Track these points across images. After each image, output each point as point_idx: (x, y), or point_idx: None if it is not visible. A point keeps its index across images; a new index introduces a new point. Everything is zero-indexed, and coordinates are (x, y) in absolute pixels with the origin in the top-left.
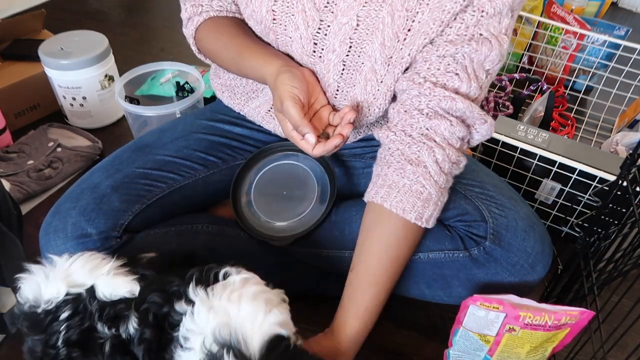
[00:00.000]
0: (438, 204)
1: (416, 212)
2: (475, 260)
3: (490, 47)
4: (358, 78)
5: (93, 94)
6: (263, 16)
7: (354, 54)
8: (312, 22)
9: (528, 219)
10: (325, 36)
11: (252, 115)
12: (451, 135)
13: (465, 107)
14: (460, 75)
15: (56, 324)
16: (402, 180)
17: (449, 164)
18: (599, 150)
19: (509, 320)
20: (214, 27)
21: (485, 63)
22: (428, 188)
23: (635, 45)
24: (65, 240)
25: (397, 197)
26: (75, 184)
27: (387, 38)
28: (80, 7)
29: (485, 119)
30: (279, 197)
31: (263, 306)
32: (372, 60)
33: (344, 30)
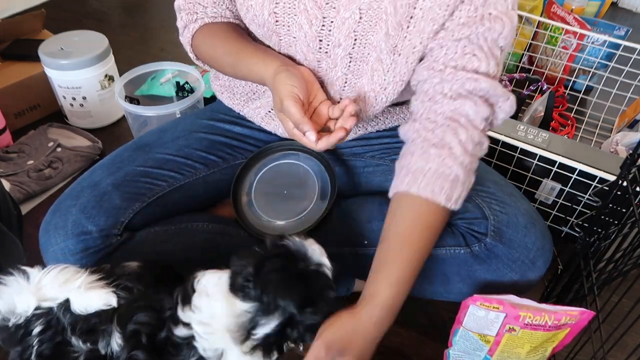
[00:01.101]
0: (465, 184)
1: (445, 194)
2: (476, 256)
3: (502, 24)
4: (365, 68)
5: (93, 94)
6: (265, 19)
7: (360, 46)
8: (316, 20)
9: (528, 214)
10: (329, 32)
11: (252, 116)
12: (476, 116)
13: (489, 86)
14: (478, 55)
15: (29, 338)
16: (428, 164)
17: (473, 144)
18: (599, 150)
19: (509, 320)
20: (209, 33)
21: (499, 40)
22: (455, 169)
23: (635, 45)
24: (66, 237)
25: (424, 181)
26: (75, 182)
27: (391, 27)
28: (80, 7)
29: (508, 96)
30: (280, 196)
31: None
32: (377, 50)
33: (348, 24)
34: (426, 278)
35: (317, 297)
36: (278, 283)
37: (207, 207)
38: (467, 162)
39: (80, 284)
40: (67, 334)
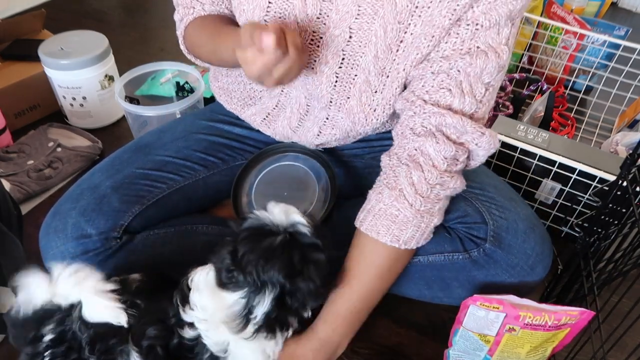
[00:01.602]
0: (420, 226)
1: (391, 234)
2: (475, 262)
3: (485, 59)
4: (352, 90)
5: (93, 94)
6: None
7: (347, 67)
8: (305, 34)
9: (528, 220)
10: (317, 48)
11: (249, 121)
12: (437, 155)
13: (455, 122)
14: (453, 91)
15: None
16: (379, 204)
17: (427, 186)
18: (599, 150)
19: (509, 320)
20: (200, 23)
21: (484, 76)
22: (403, 211)
23: (635, 45)
24: (65, 240)
25: (372, 221)
26: (75, 184)
27: (380, 50)
28: (80, 7)
29: (482, 131)
30: (280, 198)
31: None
32: (365, 72)
33: (337, 43)
34: (425, 283)
35: (301, 259)
36: (256, 261)
37: (206, 209)
38: (418, 204)
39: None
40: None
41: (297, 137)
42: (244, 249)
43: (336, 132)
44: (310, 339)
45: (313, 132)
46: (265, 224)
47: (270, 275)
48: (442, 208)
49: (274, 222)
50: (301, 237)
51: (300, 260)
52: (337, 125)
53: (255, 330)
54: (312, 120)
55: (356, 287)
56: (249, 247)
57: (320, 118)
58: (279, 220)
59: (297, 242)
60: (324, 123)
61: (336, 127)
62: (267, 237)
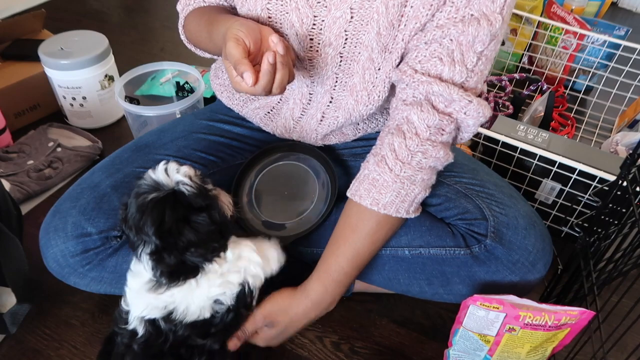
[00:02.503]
0: (400, 192)
1: (371, 197)
2: (476, 257)
3: (477, 26)
4: (356, 68)
5: (93, 94)
6: (258, 14)
7: (351, 45)
8: (306, 19)
9: (528, 217)
10: (320, 31)
11: (251, 116)
12: (420, 123)
13: (442, 90)
14: (444, 60)
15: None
16: (364, 171)
17: (407, 152)
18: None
19: (509, 320)
20: (198, 12)
21: (476, 45)
22: (382, 175)
23: (635, 45)
24: (65, 239)
25: (356, 186)
26: (75, 183)
27: (382, 27)
28: (80, 7)
29: (470, 99)
30: (280, 197)
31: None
32: (369, 49)
33: (339, 24)
34: (426, 279)
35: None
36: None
37: None
38: (397, 169)
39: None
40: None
41: (299, 128)
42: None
43: (339, 115)
44: (303, 299)
45: (316, 118)
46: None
47: (143, 231)
48: (425, 180)
49: (157, 181)
50: (180, 196)
51: (172, 218)
52: (341, 106)
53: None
54: (315, 106)
55: (343, 249)
56: (132, 201)
57: (324, 103)
58: (162, 179)
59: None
60: (327, 107)
61: (339, 109)
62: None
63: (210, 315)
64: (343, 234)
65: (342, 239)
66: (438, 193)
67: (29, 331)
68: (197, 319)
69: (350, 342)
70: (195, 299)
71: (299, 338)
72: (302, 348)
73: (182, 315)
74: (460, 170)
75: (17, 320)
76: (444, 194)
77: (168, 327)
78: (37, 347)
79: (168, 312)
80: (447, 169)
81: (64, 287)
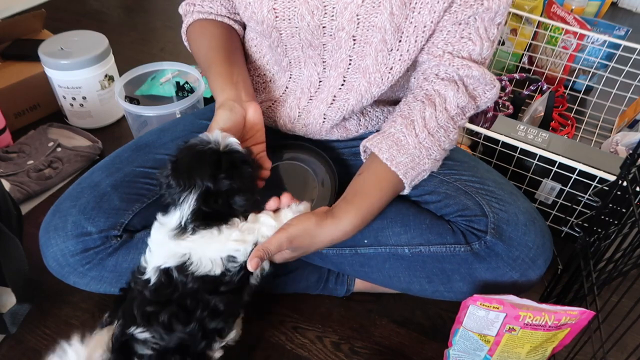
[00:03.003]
0: (414, 159)
1: (389, 153)
2: (476, 254)
3: (498, 1)
4: (369, 50)
5: (93, 94)
6: (265, 16)
7: (363, 28)
8: (317, 10)
9: (528, 213)
10: (332, 17)
11: None
12: (453, 100)
13: (480, 74)
14: (474, 39)
15: None
16: (390, 129)
17: (436, 124)
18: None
19: (509, 320)
20: (200, 31)
21: (497, 18)
22: (408, 137)
23: (635, 45)
24: (65, 238)
25: (379, 139)
26: (75, 182)
27: (395, 6)
28: (80, 7)
29: (494, 84)
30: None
31: None
32: (382, 31)
33: (350, 9)
34: (426, 276)
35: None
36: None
37: None
38: (423, 136)
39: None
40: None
41: (304, 116)
42: (180, 156)
43: (350, 97)
44: (333, 228)
45: (326, 102)
46: (203, 141)
47: (197, 175)
48: (435, 161)
49: (210, 139)
50: (232, 151)
51: (226, 165)
52: (353, 88)
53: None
54: (327, 90)
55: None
56: (184, 154)
57: (336, 86)
58: (215, 138)
59: (227, 153)
60: (339, 89)
61: (351, 91)
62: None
63: (220, 272)
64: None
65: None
66: (438, 190)
67: (29, 331)
68: (209, 273)
69: (350, 342)
70: (211, 251)
71: (299, 338)
72: (302, 348)
73: (195, 267)
74: (460, 167)
75: (17, 320)
76: (443, 191)
77: (180, 278)
78: (37, 347)
79: (183, 262)
80: (447, 166)
81: (64, 287)
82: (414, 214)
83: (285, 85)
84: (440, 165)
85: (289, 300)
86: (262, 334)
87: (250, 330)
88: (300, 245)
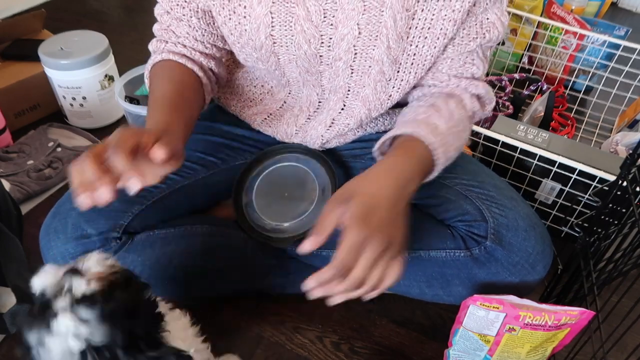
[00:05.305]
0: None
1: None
2: (476, 259)
3: (497, 32)
4: (367, 80)
5: (93, 94)
6: (262, 42)
7: (361, 59)
8: (314, 39)
9: (528, 218)
10: (329, 48)
11: (249, 120)
12: (468, 102)
13: (486, 92)
14: (476, 63)
15: None
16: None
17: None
18: (599, 150)
19: (509, 320)
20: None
21: (492, 44)
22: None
23: (635, 45)
24: (65, 241)
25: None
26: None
27: (392, 40)
28: (80, 7)
29: (493, 99)
30: (280, 198)
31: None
32: (379, 63)
33: (347, 40)
34: (426, 281)
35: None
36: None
37: (206, 209)
38: (451, 124)
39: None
40: None
41: (301, 134)
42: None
43: (350, 122)
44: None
45: (324, 124)
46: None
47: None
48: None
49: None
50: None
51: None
52: (353, 114)
53: None
54: (326, 113)
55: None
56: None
57: (336, 109)
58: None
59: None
60: (338, 113)
61: (351, 117)
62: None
63: None
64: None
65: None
66: (438, 194)
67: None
68: None
69: (350, 342)
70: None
71: (299, 338)
72: (302, 348)
73: None
74: (460, 171)
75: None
76: (443, 195)
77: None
78: None
79: None
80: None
81: None
82: (414, 217)
83: (283, 99)
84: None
85: (289, 300)
86: (262, 334)
87: (250, 330)
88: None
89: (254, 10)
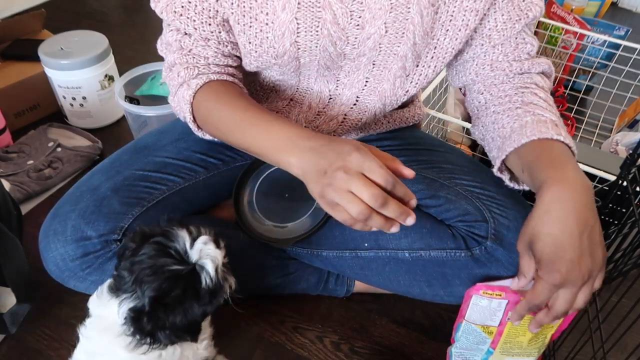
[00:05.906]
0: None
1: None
2: (477, 259)
3: (538, 7)
4: (387, 75)
5: (93, 94)
6: (286, 49)
7: (384, 55)
8: (340, 41)
9: None
10: (354, 46)
11: None
12: (543, 83)
13: (548, 65)
14: (528, 40)
15: None
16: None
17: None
18: (599, 150)
19: (511, 307)
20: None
21: (536, 20)
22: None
23: (635, 45)
24: (65, 243)
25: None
26: (74, 186)
27: (418, 37)
28: (80, 7)
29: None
30: (281, 199)
31: None
32: (403, 59)
33: (373, 38)
34: (426, 280)
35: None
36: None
37: (206, 210)
38: (554, 112)
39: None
40: None
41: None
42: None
43: (362, 117)
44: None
45: (336, 121)
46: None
47: (144, 285)
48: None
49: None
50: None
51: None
52: (367, 109)
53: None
54: (337, 108)
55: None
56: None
57: (348, 105)
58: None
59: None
60: (350, 108)
61: (364, 112)
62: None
63: None
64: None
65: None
66: (438, 194)
67: (29, 331)
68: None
69: (350, 342)
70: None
71: (299, 338)
72: (302, 348)
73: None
74: (461, 171)
75: (17, 320)
76: (444, 196)
77: None
78: (37, 347)
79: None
80: (447, 170)
81: (63, 288)
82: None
83: (290, 97)
84: (441, 169)
85: (289, 300)
86: (262, 334)
87: (250, 330)
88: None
89: (277, 17)
